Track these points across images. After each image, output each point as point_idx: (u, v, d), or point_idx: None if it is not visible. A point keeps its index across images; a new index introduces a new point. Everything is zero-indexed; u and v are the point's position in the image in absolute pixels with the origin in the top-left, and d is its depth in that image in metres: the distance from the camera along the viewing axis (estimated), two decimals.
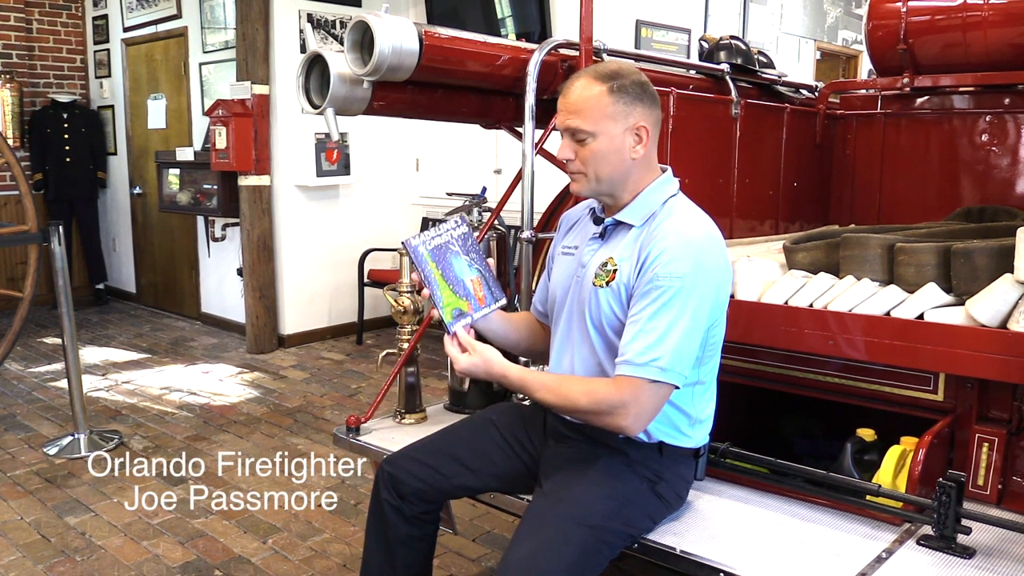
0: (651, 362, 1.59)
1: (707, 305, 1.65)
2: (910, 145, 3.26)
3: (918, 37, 3.05)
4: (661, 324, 1.60)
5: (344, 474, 3.57)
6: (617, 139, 1.70)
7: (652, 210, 1.73)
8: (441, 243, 1.79)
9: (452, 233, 1.81)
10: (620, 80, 1.69)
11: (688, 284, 1.60)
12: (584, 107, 1.70)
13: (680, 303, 1.60)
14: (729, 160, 2.91)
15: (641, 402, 1.61)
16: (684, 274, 1.61)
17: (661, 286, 1.61)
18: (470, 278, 1.81)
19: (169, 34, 6.47)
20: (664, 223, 1.69)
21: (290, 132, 5.57)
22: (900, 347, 1.91)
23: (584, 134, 1.71)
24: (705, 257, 1.64)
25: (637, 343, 1.61)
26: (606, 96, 1.68)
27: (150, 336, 6.21)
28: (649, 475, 1.75)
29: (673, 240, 1.64)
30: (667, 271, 1.61)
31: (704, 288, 1.63)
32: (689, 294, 1.60)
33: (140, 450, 3.88)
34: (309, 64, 2.33)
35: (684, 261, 1.62)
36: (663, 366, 1.59)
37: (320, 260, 5.89)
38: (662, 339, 1.59)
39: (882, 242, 2.04)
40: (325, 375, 5.14)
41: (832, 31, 8.13)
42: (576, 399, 1.66)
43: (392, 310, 2.55)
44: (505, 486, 1.97)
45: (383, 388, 2.55)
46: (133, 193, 7.12)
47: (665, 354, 1.59)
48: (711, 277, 1.65)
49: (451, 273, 1.79)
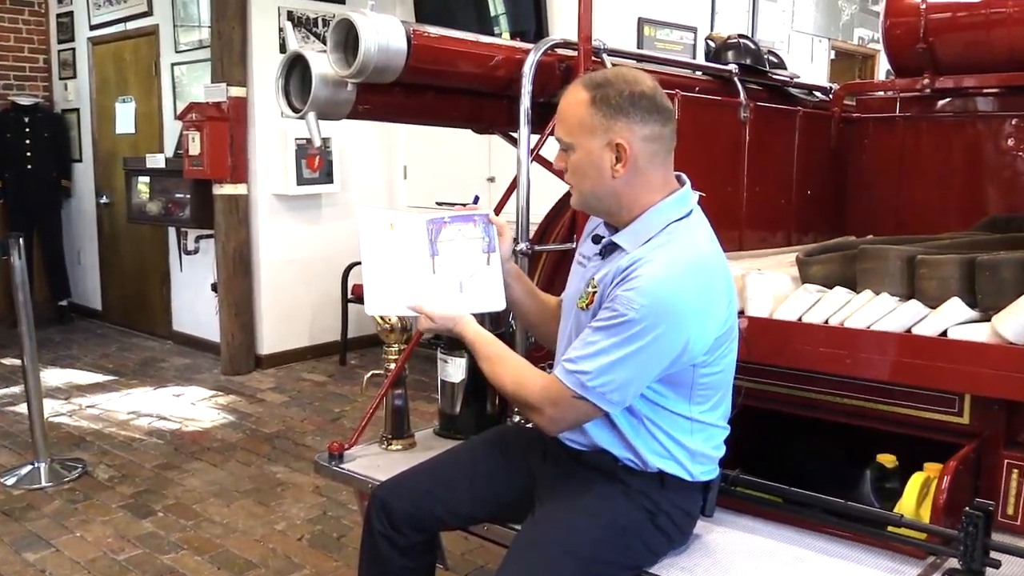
0: (577, 374, 1.63)
1: (666, 348, 1.60)
2: (931, 150, 3.27)
3: (939, 35, 3.07)
4: (601, 342, 1.61)
5: (326, 505, 3.56)
6: (595, 154, 1.68)
7: (649, 235, 1.69)
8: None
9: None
10: (605, 90, 1.66)
11: (640, 318, 1.57)
12: (565, 115, 1.71)
13: (627, 333, 1.58)
14: (738, 167, 2.92)
15: (560, 409, 1.68)
16: (641, 306, 1.57)
17: (616, 309, 1.60)
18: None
19: (139, 32, 6.49)
20: (654, 251, 1.65)
21: (269, 137, 5.58)
22: (922, 367, 1.91)
23: (565, 145, 1.72)
24: (676, 299, 1.59)
25: (575, 350, 1.66)
26: (585, 106, 1.67)
27: (117, 357, 6.19)
28: (649, 506, 1.75)
29: (649, 270, 1.60)
30: (627, 296, 1.59)
31: (665, 330, 1.58)
32: (639, 329, 1.57)
33: (105, 480, 3.86)
34: (289, 65, 2.34)
35: (647, 295, 1.58)
36: (587, 383, 1.62)
37: (301, 274, 5.89)
38: (594, 356, 1.61)
39: (902, 254, 2.04)
40: (306, 398, 5.13)
41: (847, 29, 8.19)
42: (504, 382, 1.77)
43: (378, 328, 2.55)
44: (503, 513, 1.97)
45: (368, 412, 2.54)
46: (99, 202, 7.12)
47: (594, 373, 1.61)
48: (680, 321, 1.60)
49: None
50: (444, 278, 1.91)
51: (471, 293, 1.91)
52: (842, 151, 3.41)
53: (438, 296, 1.88)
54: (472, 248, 1.91)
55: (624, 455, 1.75)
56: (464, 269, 1.91)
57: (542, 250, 2.55)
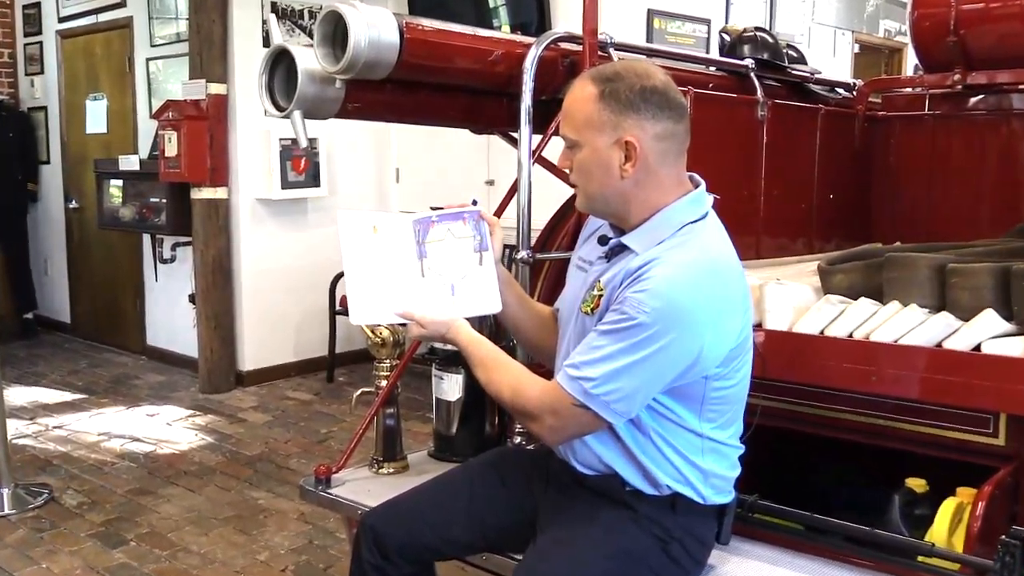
0: (580, 380, 1.63)
1: (677, 356, 1.60)
2: (963, 151, 3.28)
3: (971, 28, 3.08)
4: (607, 347, 1.61)
5: (312, 533, 3.55)
6: (602, 152, 1.69)
7: (662, 236, 1.69)
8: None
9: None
10: (615, 84, 1.67)
11: (651, 323, 1.57)
12: (571, 111, 1.72)
13: (635, 338, 1.59)
14: (754, 169, 2.93)
15: (561, 418, 1.68)
16: (652, 310, 1.57)
17: (625, 312, 1.60)
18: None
19: (111, 25, 6.52)
20: (668, 252, 1.65)
21: (251, 138, 5.60)
22: (954, 383, 1.91)
23: (571, 142, 1.73)
24: (690, 303, 1.60)
25: (579, 354, 1.66)
26: (593, 101, 1.68)
27: (87, 373, 6.19)
28: (660, 533, 1.75)
29: (662, 271, 1.61)
30: (637, 298, 1.59)
31: (677, 337, 1.59)
32: (650, 334, 1.58)
33: (74, 507, 3.86)
34: (273, 60, 2.35)
35: (659, 298, 1.58)
36: (591, 390, 1.62)
37: (285, 285, 5.90)
38: (600, 362, 1.61)
39: (932, 262, 2.05)
40: (290, 418, 5.13)
41: (872, 21, 8.23)
42: (500, 389, 1.77)
43: (368, 342, 2.55)
44: (503, 541, 1.97)
45: (358, 433, 2.55)
46: (68, 207, 7.13)
47: (599, 380, 1.61)
48: (694, 327, 1.60)
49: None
50: (434, 281, 1.91)
51: (464, 296, 1.91)
52: (867, 152, 3.42)
53: (428, 301, 1.89)
54: (463, 248, 1.92)
55: (632, 476, 1.74)
56: (455, 271, 1.91)
57: (544, 258, 2.55)
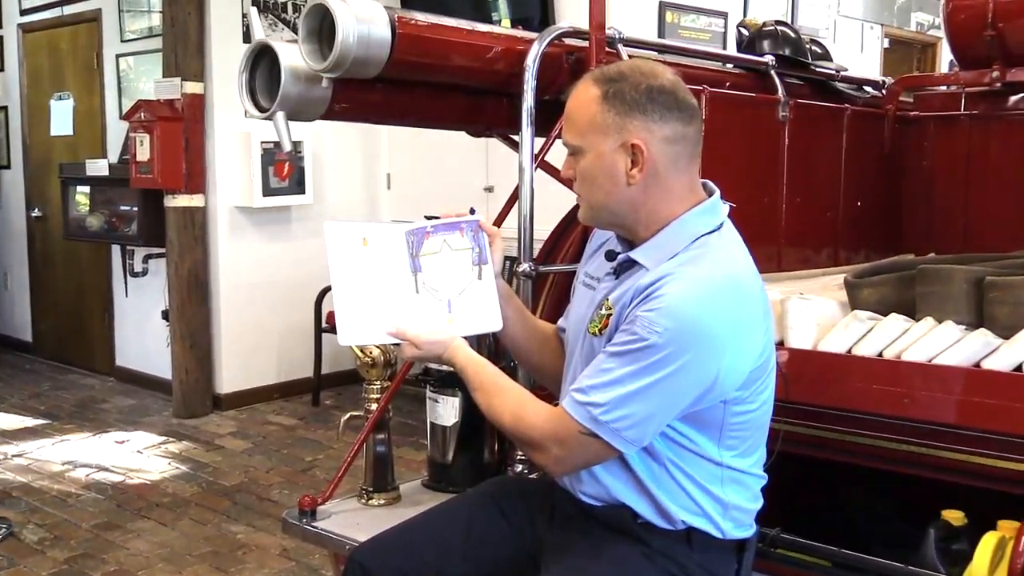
0: (588, 406, 1.63)
1: (693, 380, 1.61)
2: (1001, 154, 3.29)
3: (1010, 21, 3.09)
4: (617, 370, 1.62)
5: (295, 570, 3.55)
6: (607, 157, 1.69)
7: (674, 250, 1.69)
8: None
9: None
10: (619, 84, 1.68)
11: (664, 344, 1.58)
12: (573, 115, 1.73)
13: (647, 361, 1.59)
14: (775, 174, 2.94)
15: (567, 447, 1.68)
16: (665, 330, 1.58)
17: (636, 332, 1.61)
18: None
19: (78, 18, 6.55)
20: (682, 267, 1.65)
21: (230, 141, 5.61)
22: (993, 407, 1.92)
23: (574, 148, 1.74)
24: (707, 322, 1.60)
25: (587, 378, 1.66)
26: (596, 104, 1.69)
27: (50, 396, 6.19)
28: (674, 570, 1.74)
29: (675, 288, 1.61)
30: (649, 317, 1.60)
31: (693, 359, 1.59)
32: (663, 356, 1.58)
33: (35, 542, 3.85)
34: (255, 57, 2.36)
35: (673, 317, 1.58)
36: (600, 417, 1.62)
37: (267, 300, 5.91)
38: (609, 386, 1.62)
39: (969, 275, 2.06)
40: (272, 445, 5.13)
41: (903, 14, 8.25)
42: (501, 415, 1.77)
43: (357, 362, 2.56)
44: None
45: (345, 461, 2.55)
46: (31, 216, 7.15)
47: (608, 406, 1.61)
48: (710, 348, 1.60)
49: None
50: (429, 297, 1.91)
51: (461, 313, 1.91)
52: (898, 155, 3.43)
53: (423, 319, 1.89)
54: (460, 261, 1.92)
55: (644, 509, 1.74)
56: (452, 286, 1.92)
57: (548, 271, 2.56)
